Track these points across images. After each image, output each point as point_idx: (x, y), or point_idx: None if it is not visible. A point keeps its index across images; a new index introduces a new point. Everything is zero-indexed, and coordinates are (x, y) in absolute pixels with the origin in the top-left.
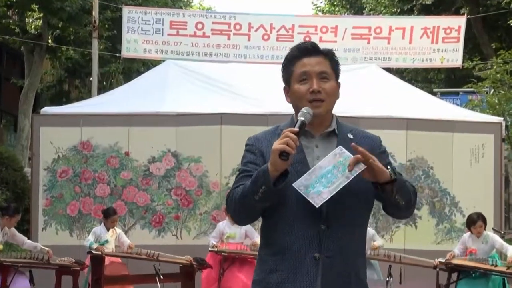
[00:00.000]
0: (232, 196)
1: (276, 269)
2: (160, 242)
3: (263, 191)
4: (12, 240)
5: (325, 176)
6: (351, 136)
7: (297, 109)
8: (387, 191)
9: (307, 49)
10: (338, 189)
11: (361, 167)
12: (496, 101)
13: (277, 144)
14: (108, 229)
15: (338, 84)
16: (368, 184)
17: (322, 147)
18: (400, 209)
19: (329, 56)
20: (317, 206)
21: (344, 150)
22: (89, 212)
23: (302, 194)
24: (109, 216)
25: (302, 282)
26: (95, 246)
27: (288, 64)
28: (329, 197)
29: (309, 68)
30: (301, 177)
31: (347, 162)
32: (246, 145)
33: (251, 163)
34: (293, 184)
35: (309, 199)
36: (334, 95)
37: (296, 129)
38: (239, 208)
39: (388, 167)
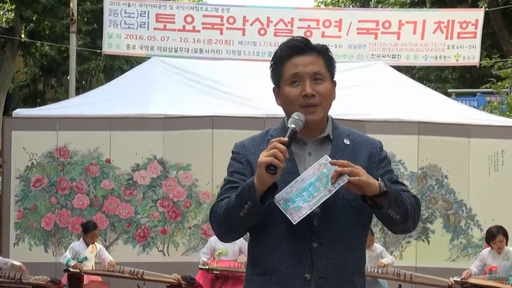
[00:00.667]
0: (216, 210)
1: None
2: (145, 259)
3: (248, 207)
4: None
5: (307, 190)
6: (348, 142)
7: (288, 113)
8: (378, 205)
9: (297, 47)
10: (318, 204)
11: (345, 179)
12: None
13: (263, 156)
14: (87, 245)
15: (334, 84)
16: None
17: (315, 155)
18: (396, 224)
19: (323, 52)
20: (294, 223)
21: (329, 160)
22: (66, 226)
23: (281, 209)
24: (88, 231)
25: None
26: (72, 263)
27: (277, 64)
28: (308, 213)
29: (301, 69)
30: (282, 190)
31: (330, 173)
32: (232, 152)
33: (238, 173)
34: (274, 198)
35: (287, 215)
36: (329, 97)
37: (285, 138)
38: (223, 224)
39: (379, 178)
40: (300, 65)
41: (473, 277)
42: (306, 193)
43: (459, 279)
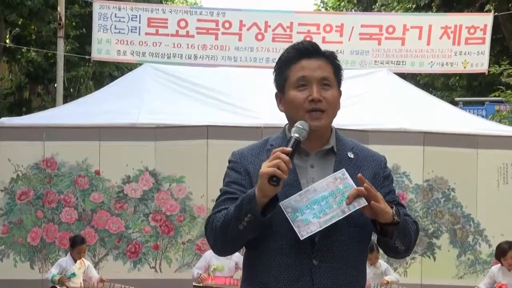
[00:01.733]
0: (212, 222)
1: None
2: (136, 276)
3: (248, 219)
4: None
5: (319, 203)
6: (352, 156)
7: (291, 119)
8: (387, 232)
9: (306, 50)
10: (330, 224)
11: (362, 203)
12: None
13: (266, 167)
14: (75, 261)
15: (340, 93)
16: (366, 217)
17: (318, 168)
18: (397, 253)
19: (331, 59)
20: (301, 238)
21: (347, 175)
22: (53, 241)
23: (288, 217)
24: (75, 245)
25: None
26: (57, 277)
27: (283, 67)
28: (317, 231)
29: (308, 72)
30: (291, 197)
31: (346, 191)
32: (230, 161)
33: (235, 183)
34: (280, 203)
35: (294, 227)
36: (335, 105)
37: (288, 148)
38: (220, 237)
39: (393, 206)
40: (307, 69)
41: None
42: (317, 207)
43: None
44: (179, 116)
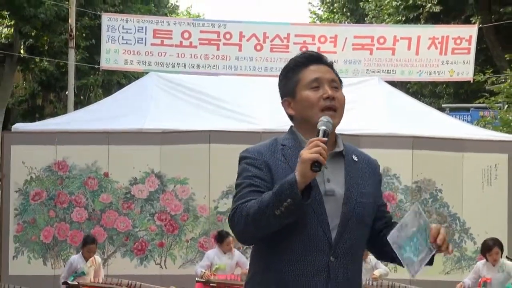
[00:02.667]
0: (242, 210)
1: None
2: (142, 272)
3: (288, 204)
4: None
5: (413, 240)
6: (356, 159)
7: (304, 119)
8: None
9: (313, 57)
10: (425, 262)
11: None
12: (511, 117)
13: (308, 154)
14: (86, 259)
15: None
16: (370, 217)
17: (331, 169)
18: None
19: (333, 68)
20: (412, 277)
21: (421, 210)
22: (64, 239)
23: (397, 254)
24: (85, 245)
25: None
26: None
27: (292, 73)
28: (420, 270)
29: (320, 74)
30: (392, 231)
31: (427, 228)
32: (246, 157)
33: (258, 177)
34: (387, 238)
35: (404, 265)
36: (343, 106)
37: (324, 138)
38: (253, 224)
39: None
40: (319, 72)
41: None
42: (413, 244)
43: None
44: (183, 121)
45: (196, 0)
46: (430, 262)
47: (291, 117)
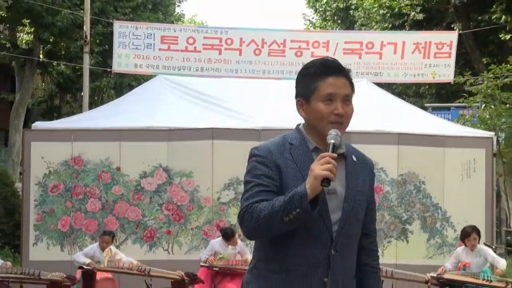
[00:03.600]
0: (253, 212)
1: None
2: (151, 257)
3: (296, 213)
4: None
5: None
6: (355, 159)
7: (313, 126)
8: None
9: (333, 68)
10: None
11: None
12: (487, 116)
13: (320, 170)
14: (102, 249)
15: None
16: (363, 214)
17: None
18: None
19: (349, 76)
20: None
21: None
22: (80, 227)
23: None
24: (101, 236)
25: None
26: (87, 261)
27: (310, 80)
28: None
29: (335, 90)
30: None
31: None
32: (255, 155)
33: (267, 176)
34: None
35: None
36: (351, 117)
37: (334, 155)
38: (263, 226)
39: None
40: (335, 86)
41: (448, 273)
42: None
43: (435, 275)
44: (188, 120)
45: (200, 9)
46: None
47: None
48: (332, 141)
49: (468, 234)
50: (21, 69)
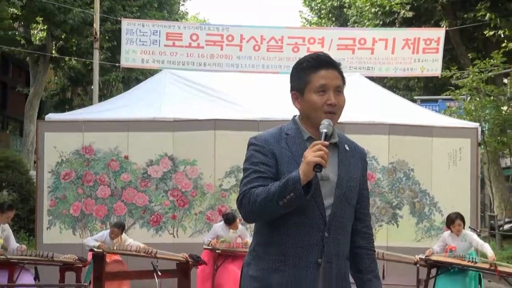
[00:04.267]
0: (250, 196)
1: (278, 269)
2: (157, 240)
3: (290, 198)
4: (5, 239)
5: None
6: (347, 148)
7: (308, 117)
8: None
9: (325, 62)
10: None
11: None
12: (472, 107)
13: (312, 157)
14: (111, 239)
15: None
16: (355, 199)
17: (329, 158)
18: None
19: (340, 69)
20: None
21: None
22: (91, 212)
23: None
24: (111, 227)
25: (306, 286)
26: (97, 244)
27: (303, 73)
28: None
29: (328, 81)
30: None
31: None
32: (253, 144)
33: (264, 164)
34: None
35: None
36: (343, 107)
37: (327, 142)
38: (259, 209)
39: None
40: (327, 78)
41: (435, 255)
42: None
43: (423, 257)
44: (192, 111)
45: (202, 7)
46: None
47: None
48: (325, 130)
49: (453, 221)
50: (35, 64)
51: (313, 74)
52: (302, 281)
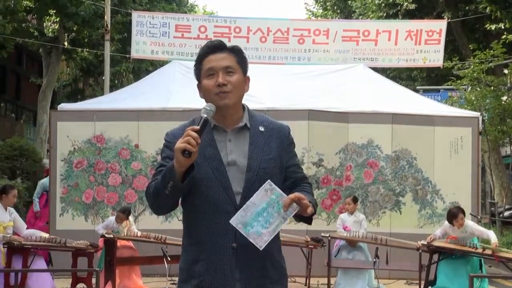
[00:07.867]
0: (149, 189)
1: (198, 259)
2: (167, 227)
3: (171, 186)
4: (14, 221)
5: (261, 215)
6: (262, 129)
7: (207, 102)
8: (307, 219)
9: (213, 46)
10: (278, 230)
11: (295, 208)
12: (473, 97)
13: (179, 143)
14: (118, 223)
15: (247, 79)
16: (277, 178)
17: (234, 142)
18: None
19: (235, 51)
20: (260, 249)
21: (273, 186)
22: (102, 200)
23: (242, 232)
24: (117, 212)
25: (223, 271)
26: (105, 232)
27: (198, 62)
28: (270, 239)
29: (214, 63)
30: (237, 213)
31: (280, 199)
32: (165, 139)
33: (169, 158)
34: (230, 221)
35: (250, 240)
36: (240, 87)
37: (197, 127)
38: (154, 200)
39: (310, 201)
40: (214, 61)
41: (437, 240)
42: (262, 219)
43: (425, 243)
44: (200, 101)
45: (210, 0)
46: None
47: None
48: (204, 115)
49: (455, 215)
50: (47, 55)
51: (204, 61)
52: (218, 267)
